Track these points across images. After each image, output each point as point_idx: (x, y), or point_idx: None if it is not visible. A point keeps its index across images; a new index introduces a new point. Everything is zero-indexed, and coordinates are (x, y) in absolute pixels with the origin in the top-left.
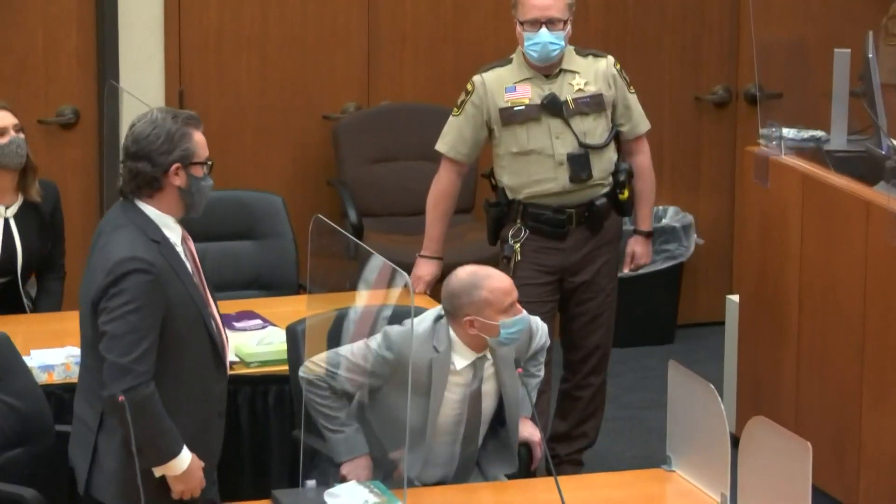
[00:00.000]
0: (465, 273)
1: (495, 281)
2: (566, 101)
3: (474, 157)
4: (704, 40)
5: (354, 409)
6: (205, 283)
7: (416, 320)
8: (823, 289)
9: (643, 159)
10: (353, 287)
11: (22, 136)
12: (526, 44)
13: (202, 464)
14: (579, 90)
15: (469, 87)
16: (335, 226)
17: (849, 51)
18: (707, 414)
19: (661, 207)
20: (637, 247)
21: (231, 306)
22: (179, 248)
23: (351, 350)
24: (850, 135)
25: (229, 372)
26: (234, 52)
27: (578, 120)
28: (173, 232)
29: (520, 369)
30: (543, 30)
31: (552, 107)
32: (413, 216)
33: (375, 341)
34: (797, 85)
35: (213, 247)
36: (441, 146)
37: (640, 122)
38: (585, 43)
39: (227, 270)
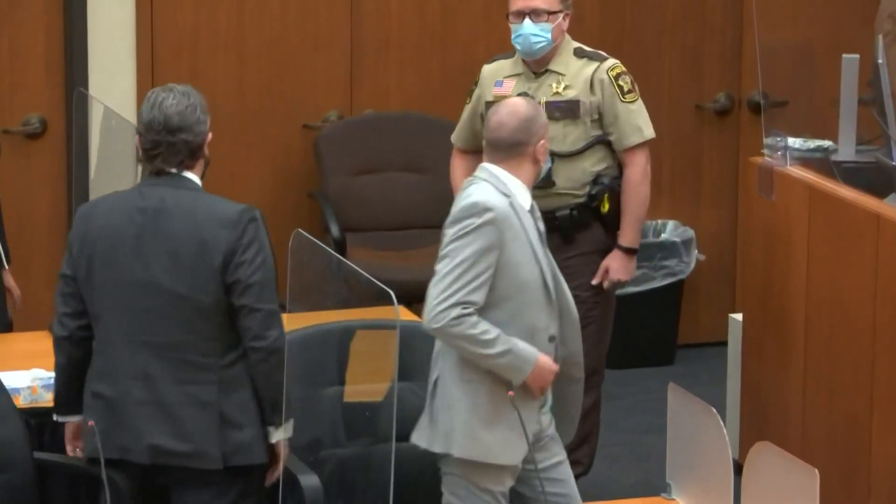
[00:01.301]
0: (517, 100)
1: None
2: (539, 102)
3: (475, 146)
4: (706, 45)
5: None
6: None
7: (468, 190)
8: (831, 307)
9: (631, 172)
10: (336, 306)
11: None
12: (512, 36)
13: None
14: (556, 93)
15: (478, 76)
16: (316, 241)
17: (857, 56)
18: (709, 439)
19: (659, 221)
20: (612, 262)
21: None
22: None
23: (454, 262)
24: (859, 145)
25: None
26: (210, 56)
27: (552, 125)
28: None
29: None
30: (527, 21)
31: None
32: (399, 231)
33: (465, 221)
34: (803, 92)
35: None
36: (453, 134)
37: (629, 133)
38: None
39: None
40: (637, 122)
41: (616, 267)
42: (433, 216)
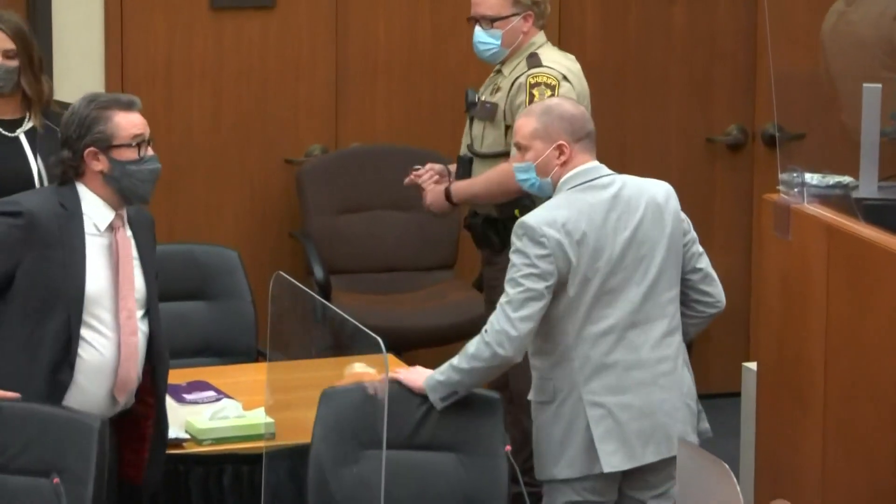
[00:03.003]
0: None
1: None
2: (478, 101)
3: None
4: (716, 73)
5: None
6: (131, 279)
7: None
8: (853, 355)
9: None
10: (320, 354)
11: (13, 63)
12: None
13: None
14: (491, 93)
15: None
16: (299, 284)
17: (879, 85)
18: (721, 496)
19: None
20: (432, 193)
21: (181, 376)
22: (99, 232)
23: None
24: (882, 181)
25: (179, 450)
26: (185, 86)
27: (477, 123)
28: (101, 216)
29: None
30: (477, 27)
31: (467, 104)
32: (388, 273)
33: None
34: (821, 125)
35: (160, 308)
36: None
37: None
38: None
39: (175, 335)
40: None
41: (431, 199)
42: (424, 258)
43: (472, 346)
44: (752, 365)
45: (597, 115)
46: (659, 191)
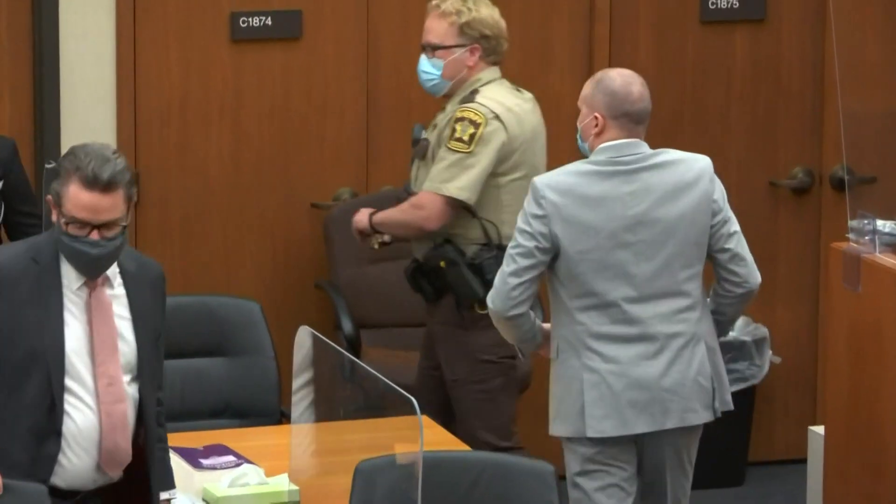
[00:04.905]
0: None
1: None
2: (420, 139)
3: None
4: (781, 113)
5: None
6: (110, 343)
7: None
8: None
9: (416, 200)
10: (349, 415)
11: None
12: None
13: None
14: (429, 131)
15: None
16: (325, 339)
17: None
18: None
19: None
20: (361, 213)
21: (197, 438)
22: (71, 289)
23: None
24: None
25: None
26: (202, 126)
27: (416, 161)
28: (73, 272)
29: None
30: (422, 55)
31: (412, 141)
32: (421, 327)
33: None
34: (894, 167)
35: (174, 365)
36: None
37: (431, 177)
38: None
39: (192, 394)
40: (444, 173)
41: (358, 217)
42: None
43: None
44: (820, 429)
45: None
46: (691, 168)
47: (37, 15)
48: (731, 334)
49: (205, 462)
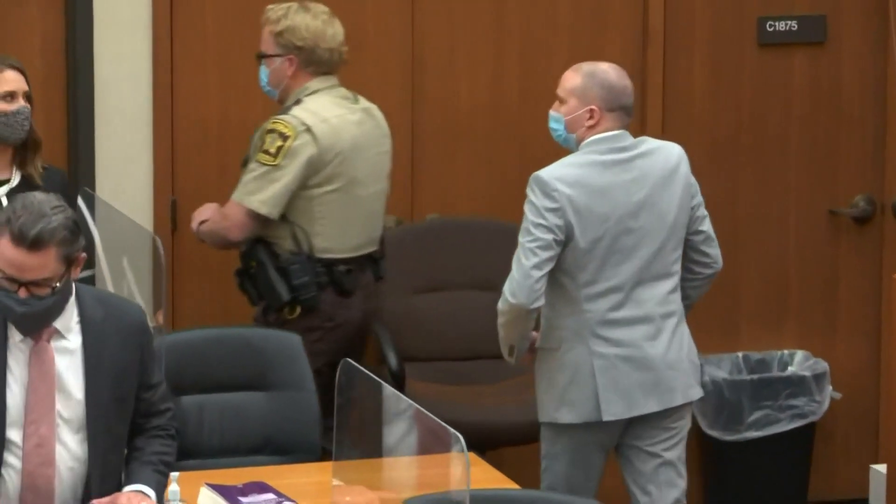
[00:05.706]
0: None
1: None
2: None
3: None
4: (841, 139)
5: None
6: (47, 401)
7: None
8: None
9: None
10: (393, 451)
11: (29, 107)
12: None
13: None
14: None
15: None
16: (369, 373)
17: None
18: None
19: (786, 352)
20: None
21: (236, 476)
22: (15, 342)
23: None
24: None
25: None
26: (241, 150)
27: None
28: None
29: None
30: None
31: None
32: (468, 360)
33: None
34: None
35: (213, 400)
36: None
37: (237, 187)
38: (689, 144)
39: (230, 430)
40: (250, 184)
41: (198, 210)
42: None
43: (499, 302)
44: (882, 467)
45: (705, 183)
46: (672, 154)
47: (70, 37)
48: (790, 369)
49: (244, 500)
